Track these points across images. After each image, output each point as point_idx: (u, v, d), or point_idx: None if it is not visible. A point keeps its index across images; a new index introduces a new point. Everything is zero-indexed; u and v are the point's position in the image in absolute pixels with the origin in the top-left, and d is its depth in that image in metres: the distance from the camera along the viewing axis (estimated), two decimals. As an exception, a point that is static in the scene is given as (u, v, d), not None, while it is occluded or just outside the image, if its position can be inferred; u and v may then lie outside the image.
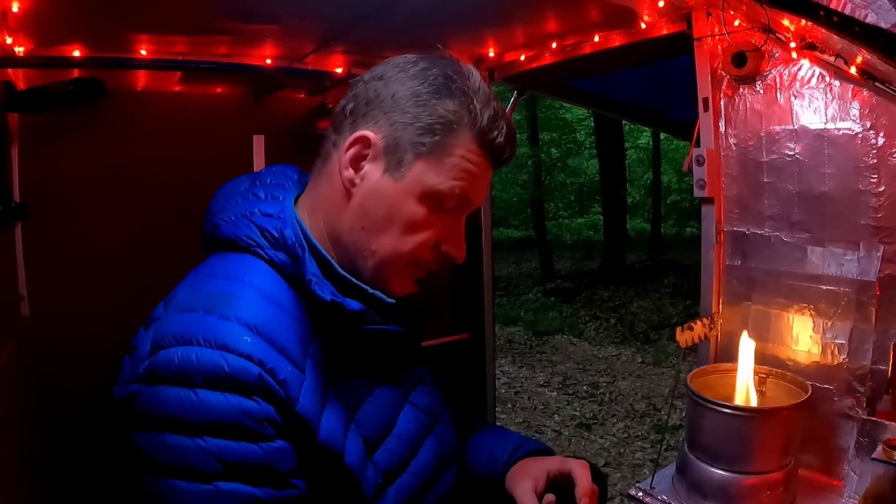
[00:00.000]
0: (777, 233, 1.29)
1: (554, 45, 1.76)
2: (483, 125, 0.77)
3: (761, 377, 1.21)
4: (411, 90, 0.76)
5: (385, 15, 1.45)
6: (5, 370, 1.23)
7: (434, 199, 0.77)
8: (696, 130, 1.41)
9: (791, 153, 1.25)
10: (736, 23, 1.28)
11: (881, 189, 1.12)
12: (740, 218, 1.36)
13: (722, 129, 1.38)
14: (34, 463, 1.43)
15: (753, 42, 1.26)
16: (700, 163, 1.38)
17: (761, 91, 1.30)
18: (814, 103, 1.21)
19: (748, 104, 1.32)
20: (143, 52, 1.60)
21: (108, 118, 1.69)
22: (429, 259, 0.81)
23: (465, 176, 0.77)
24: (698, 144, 1.40)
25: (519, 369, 5.73)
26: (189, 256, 0.84)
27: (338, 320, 0.77)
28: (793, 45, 1.19)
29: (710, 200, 1.39)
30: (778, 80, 1.26)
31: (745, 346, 1.20)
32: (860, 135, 1.14)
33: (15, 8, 1.19)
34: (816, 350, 1.21)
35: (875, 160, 1.12)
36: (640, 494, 1.19)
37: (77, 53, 1.51)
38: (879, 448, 1.01)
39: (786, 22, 1.20)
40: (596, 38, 1.65)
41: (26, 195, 1.57)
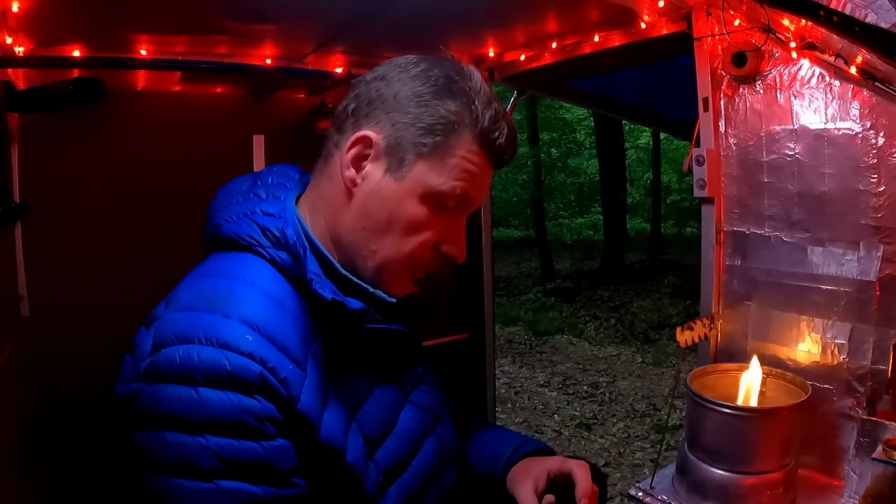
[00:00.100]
0: (777, 233, 1.29)
1: (554, 45, 1.76)
2: (484, 126, 0.77)
3: (761, 377, 1.21)
4: (413, 90, 0.77)
5: (385, 15, 1.45)
6: (5, 370, 1.23)
7: (435, 200, 0.77)
8: (696, 130, 1.41)
9: (791, 153, 1.25)
10: (736, 23, 1.28)
11: (881, 189, 1.12)
12: (740, 218, 1.36)
13: (722, 129, 1.38)
14: (34, 463, 1.43)
15: (753, 42, 1.26)
16: (700, 163, 1.38)
17: (761, 91, 1.30)
18: (814, 103, 1.21)
19: (748, 104, 1.32)
20: (143, 52, 1.60)
21: (108, 118, 1.69)
22: (429, 259, 0.82)
23: (466, 176, 0.78)
24: (698, 144, 1.40)
25: (519, 369, 5.73)
26: (189, 256, 0.84)
27: (339, 319, 0.77)
28: (793, 45, 1.19)
29: (710, 200, 1.39)
30: (778, 80, 1.26)
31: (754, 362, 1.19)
32: (860, 135, 1.14)
33: (15, 8, 1.19)
34: (816, 350, 1.21)
35: (875, 160, 1.12)
36: (640, 494, 1.19)
37: (77, 53, 1.51)
38: (879, 448, 1.01)
39: (786, 22, 1.20)
40: (596, 38, 1.65)
41: (26, 195, 1.57)
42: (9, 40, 1.37)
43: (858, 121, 1.14)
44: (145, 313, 0.76)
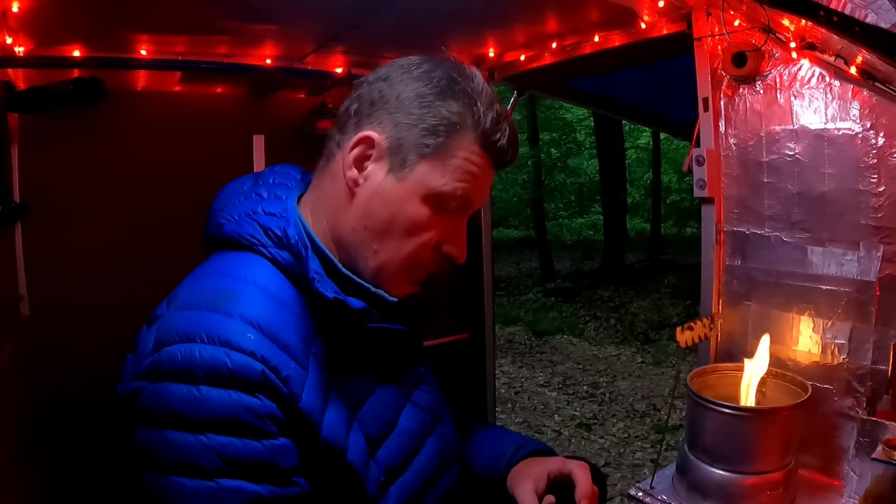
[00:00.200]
0: (777, 233, 1.29)
1: (554, 45, 1.76)
2: (486, 127, 0.78)
3: (762, 377, 1.21)
4: (416, 92, 0.77)
5: (385, 15, 1.45)
6: (5, 370, 1.23)
7: (437, 200, 0.78)
8: (696, 130, 1.41)
9: (791, 153, 1.25)
10: (736, 23, 1.28)
11: (881, 189, 1.12)
12: (740, 218, 1.36)
13: (722, 129, 1.38)
14: (34, 462, 1.43)
15: (753, 42, 1.26)
16: (700, 163, 1.38)
17: (761, 91, 1.30)
18: (814, 103, 1.21)
19: (748, 104, 1.32)
20: (143, 52, 1.60)
21: (108, 118, 1.69)
22: (430, 259, 0.82)
23: (468, 177, 0.78)
24: (698, 144, 1.40)
25: (519, 369, 5.73)
26: (189, 256, 0.85)
27: (340, 319, 0.77)
28: (793, 45, 1.19)
29: (710, 200, 1.39)
30: (778, 80, 1.26)
31: (763, 345, 1.19)
32: (860, 135, 1.14)
33: (15, 8, 1.19)
34: (816, 350, 1.21)
35: (875, 160, 1.12)
36: (640, 494, 1.19)
37: (77, 53, 1.51)
38: (879, 448, 1.01)
39: (786, 22, 1.20)
40: (596, 38, 1.65)
41: (26, 195, 1.57)
42: (9, 40, 1.37)
43: (858, 121, 1.14)
44: (145, 313, 0.76)
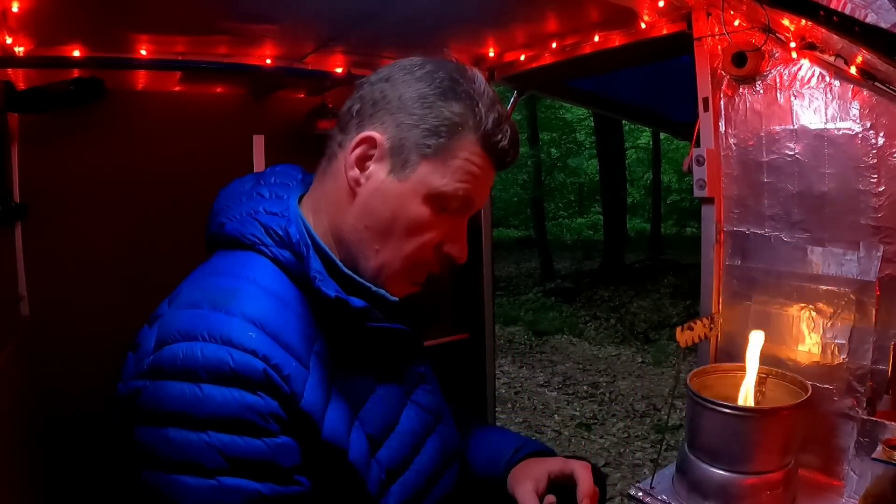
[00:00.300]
0: (777, 233, 1.29)
1: (554, 45, 1.76)
2: (488, 128, 0.78)
3: (761, 377, 1.21)
4: (418, 92, 0.77)
5: (385, 15, 1.45)
6: (5, 370, 1.23)
7: (438, 200, 0.78)
8: (696, 130, 1.41)
9: (791, 153, 1.25)
10: (736, 23, 1.28)
11: (881, 189, 1.12)
12: (740, 218, 1.36)
13: (722, 129, 1.38)
14: (34, 463, 1.43)
15: (753, 42, 1.26)
16: (700, 163, 1.38)
17: (761, 91, 1.30)
18: (814, 103, 1.21)
19: (748, 104, 1.32)
20: (143, 52, 1.60)
21: (108, 118, 1.69)
22: (431, 259, 0.82)
23: (469, 178, 0.78)
24: (698, 144, 1.40)
25: (519, 369, 5.73)
26: (189, 256, 0.85)
27: (341, 318, 0.77)
28: (793, 45, 1.19)
29: (710, 200, 1.39)
30: (778, 80, 1.26)
31: (755, 341, 1.19)
32: (860, 135, 1.14)
33: (15, 8, 1.19)
34: (816, 350, 1.21)
35: (875, 160, 1.12)
36: (640, 494, 1.19)
37: (77, 53, 1.51)
38: (879, 448, 1.01)
39: (786, 22, 1.20)
40: (596, 38, 1.65)
41: (26, 195, 1.57)
42: (9, 40, 1.37)
43: (858, 121, 1.14)
44: (145, 312, 0.76)
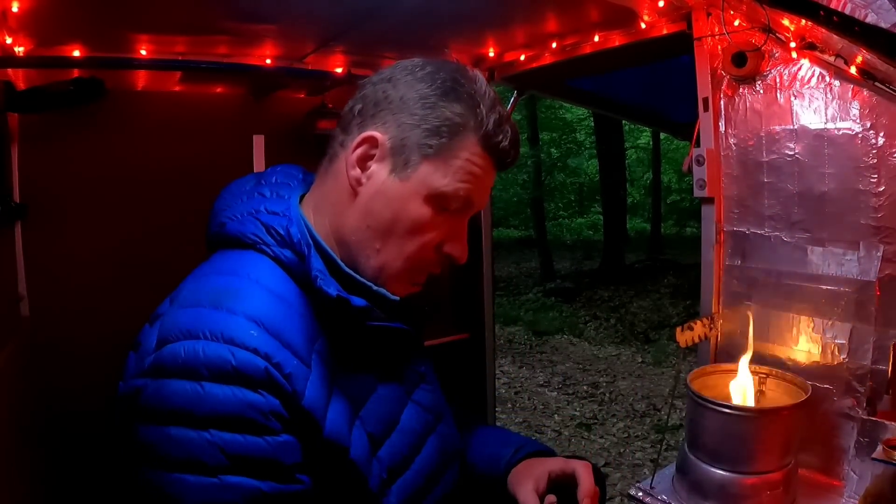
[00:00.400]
0: (777, 233, 1.29)
1: (554, 45, 1.76)
2: (489, 129, 0.78)
3: (761, 377, 1.21)
4: (419, 92, 0.78)
5: (385, 15, 1.45)
6: (5, 370, 1.23)
7: (439, 201, 0.78)
8: (696, 130, 1.41)
9: (791, 153, 1.25)
10: (736, 23, 1.28)
11: (881, 189, 1.12)
12: (740, 218, 1.36)
13: (722, 129, 1.38)
14: (35, 463, 1.43)
15: (753, 42, 1.26)
16: (700, 163, 1.38)
17: (761, 91, 1.30)
18: (814, 103, 1.21)
19: (748, 104, 1.32)
20: (143, 52, 1.60)
21: (108, 118, 1.69)
22: (432, 259, 0.82)
23: (470, 178, 0.79)
24: (698, 144, 1.40)
25: (519, 369, 5.73)
26: (189, 255, 0.85)
27: (342, 317, 0.77)
28: (793, 45, 1.19)
29: (710, 200, 1.39)
30: (778, 80, 1.26)
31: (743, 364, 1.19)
32: (860, 135, 1.14)
33: (15, 8, 1.19)
34: (816, 350, 1.21)
35: (875, 160, 1.12)
36: (640, 494, 1.19)
37: (77, 53, 1.51)
38: (879, 448, 1.01)
39: (786, 22, 1.20)
40: (596, 38, 1.65)
41: (26, 195, 1.57)
42: (9, 40, 1.37)
43: (858, 121, 1.14)
44: (145, 312, 0.76)
